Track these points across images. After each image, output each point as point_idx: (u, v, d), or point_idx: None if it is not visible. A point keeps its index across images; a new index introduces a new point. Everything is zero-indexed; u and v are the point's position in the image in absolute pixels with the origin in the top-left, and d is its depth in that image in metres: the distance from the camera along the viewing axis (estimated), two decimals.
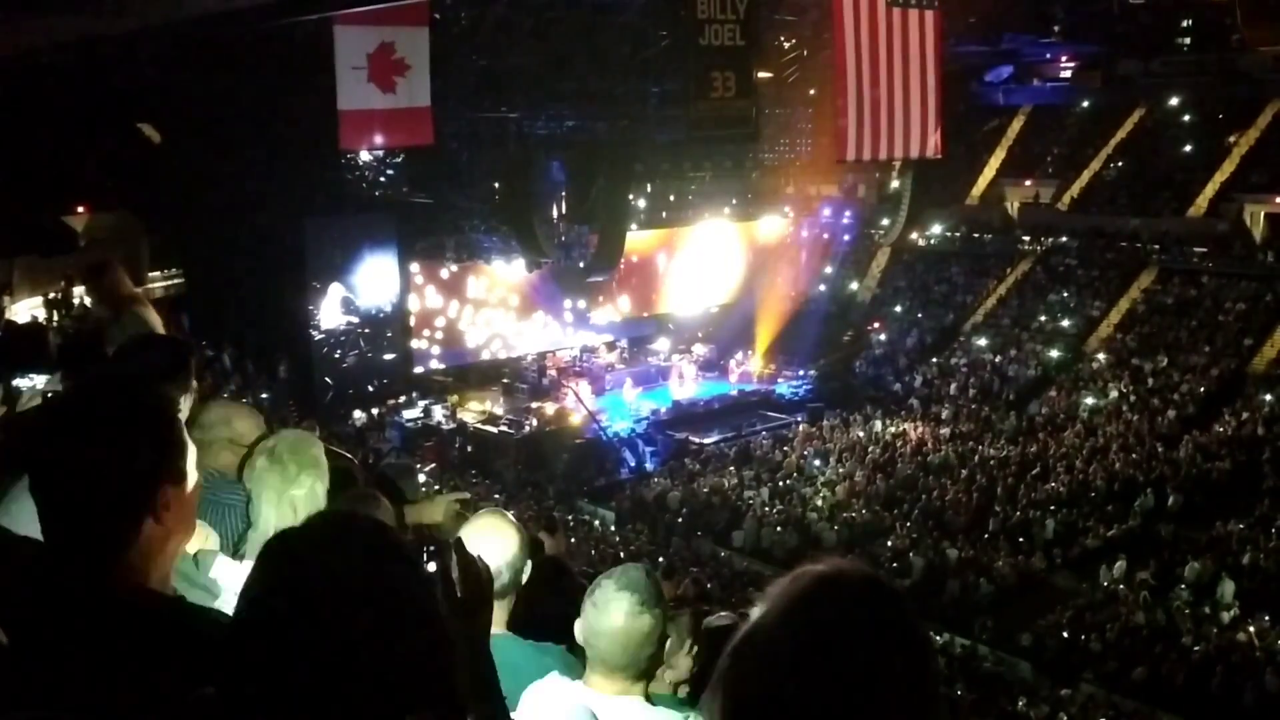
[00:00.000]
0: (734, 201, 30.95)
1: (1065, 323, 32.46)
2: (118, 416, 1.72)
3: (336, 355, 27.75)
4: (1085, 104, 37.98)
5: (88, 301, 27.19)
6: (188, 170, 25.48)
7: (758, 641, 1.25)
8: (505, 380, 30.76)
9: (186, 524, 1.86)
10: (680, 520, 23.17)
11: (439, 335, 29.84)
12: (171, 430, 1.79)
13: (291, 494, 3.00)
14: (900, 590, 1.30)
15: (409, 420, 27.34)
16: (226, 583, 2.35)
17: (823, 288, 36.64)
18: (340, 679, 1.23)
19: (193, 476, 1.82)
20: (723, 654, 1.28)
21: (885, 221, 36.97)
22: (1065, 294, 33.40)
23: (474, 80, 24.57)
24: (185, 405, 3.26)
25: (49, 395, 3.26)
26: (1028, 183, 37.61)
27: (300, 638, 1.23)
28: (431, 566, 1.80)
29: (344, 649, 1.23)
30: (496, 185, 25.90)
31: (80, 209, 28.33)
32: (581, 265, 28.21)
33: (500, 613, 2.95)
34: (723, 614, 4.49)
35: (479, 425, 28.27)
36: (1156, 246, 32.65)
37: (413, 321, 29.12)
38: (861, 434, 27.54)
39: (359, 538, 1.34)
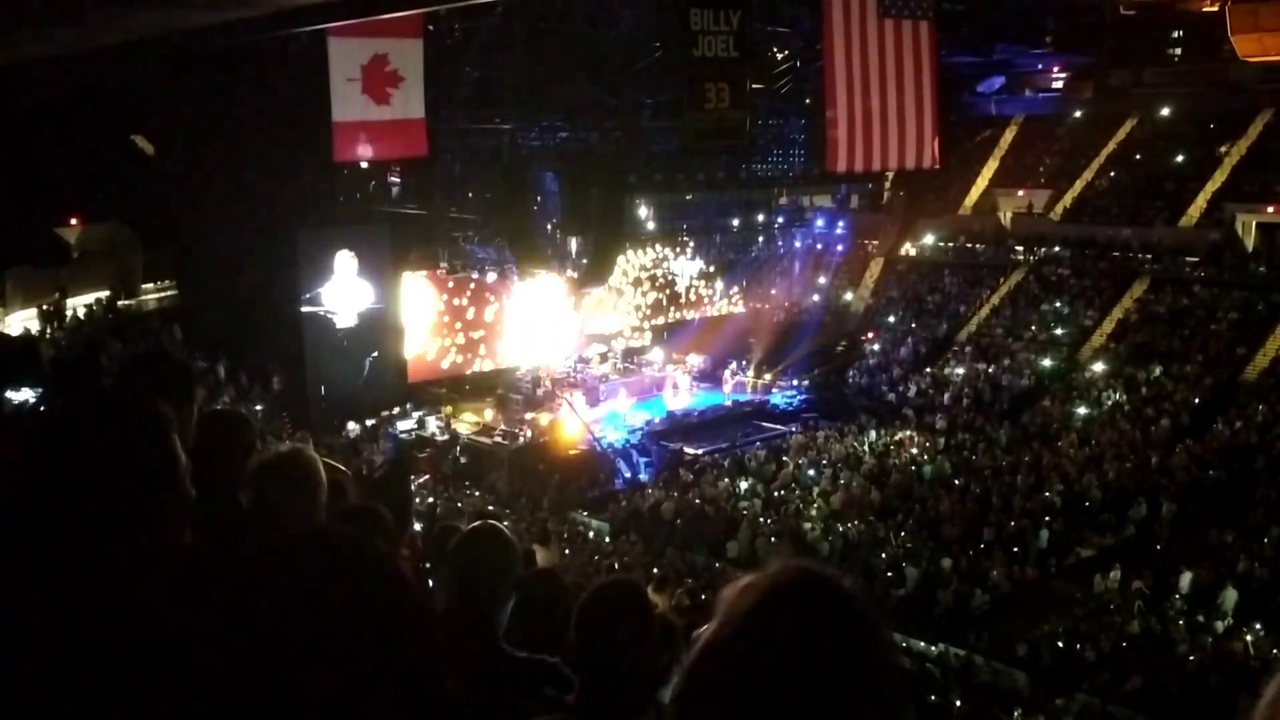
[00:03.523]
0: (726, 211, 31.00)
1: (1059, 332, 32.53)
2: (110, 433, 1.72)
3: (330, 367, 27.71)
4: (1077, 114, 38.17)
5: (80, 314, 27.09)
6: (181, 182, 25.47)
7: (712, 663, 1.20)
8: (499, 391, 30.68)
9: (180, 538, 1.86)
10: (674, 531, 23.11)
11: (433, 346, 29.82)
12: (165, 447, 1.79)
13: None
14: (854, 590, 1.24)
15: (403, 432, 27.25)
16: None
17: (816, 298, 36.77)
18: (332, 693, 1.22)
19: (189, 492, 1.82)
20: (677, 677, 1.23)
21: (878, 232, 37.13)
22: (1058, 304, 33.48)
23: (467, 92, 24.64)
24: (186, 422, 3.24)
25: (39, 409, 3.24)
26: (1020, 193, 37.75)
27: (283, 654, 1.23)
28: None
29: (331, 665, 1.22)
30: (490, 196, 25.90)
31: (73, 221, 28.34)
32: (575, 276, 28.26)
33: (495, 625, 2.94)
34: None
35: (473, 436, 28.18)
36: (1149, 256, 32.77)
37: (406, 333, 29.08)
38: (856, 444, 27.53)
39: (341, 555, 1.33)
